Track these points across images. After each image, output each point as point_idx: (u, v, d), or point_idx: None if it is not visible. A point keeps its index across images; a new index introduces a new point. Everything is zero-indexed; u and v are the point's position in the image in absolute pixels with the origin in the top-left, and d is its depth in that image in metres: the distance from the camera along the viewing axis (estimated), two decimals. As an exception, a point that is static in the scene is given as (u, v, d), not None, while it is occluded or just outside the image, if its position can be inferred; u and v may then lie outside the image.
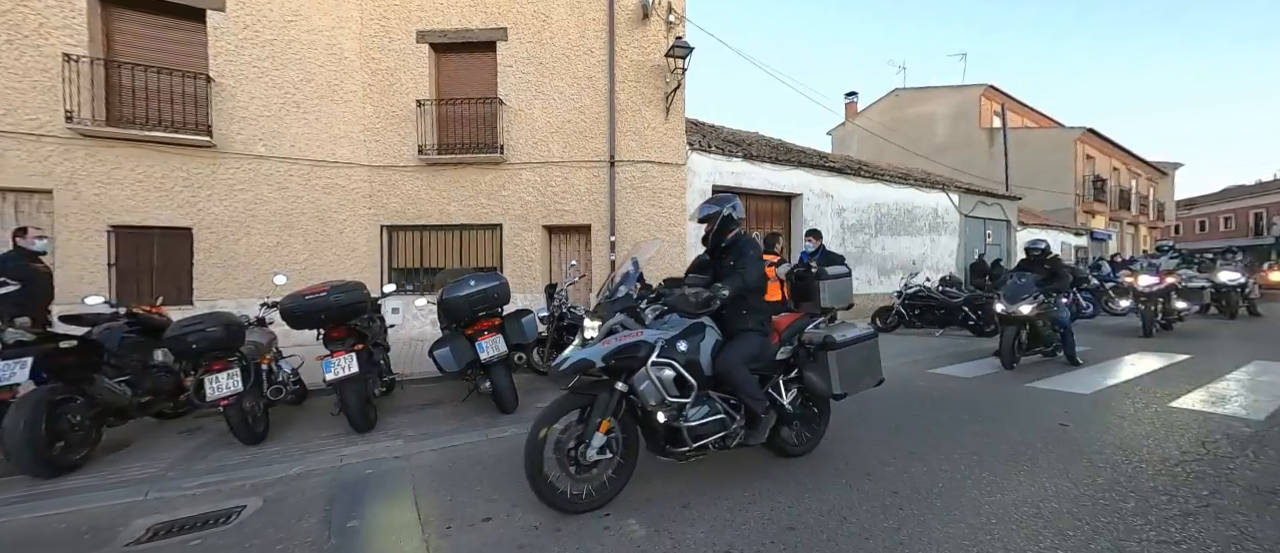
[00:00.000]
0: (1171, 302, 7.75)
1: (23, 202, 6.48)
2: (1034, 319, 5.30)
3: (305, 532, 2.37)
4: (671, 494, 2.65)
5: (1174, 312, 7.84)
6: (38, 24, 6.38)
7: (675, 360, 2.45)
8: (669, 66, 8.04)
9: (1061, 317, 5.50)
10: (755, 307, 2.78)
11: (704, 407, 2.54)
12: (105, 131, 6.58)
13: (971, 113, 20.41)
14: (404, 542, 2.25)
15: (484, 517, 2.45)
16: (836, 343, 2.82)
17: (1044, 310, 5.36)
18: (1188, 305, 8.00)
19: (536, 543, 2.21)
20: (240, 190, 7.33)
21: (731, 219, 2.87)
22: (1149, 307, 7.43)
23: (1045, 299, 5.36)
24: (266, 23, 7.44)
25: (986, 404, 4.22)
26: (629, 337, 2.41)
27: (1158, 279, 7.70)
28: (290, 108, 7.61)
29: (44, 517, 2.61)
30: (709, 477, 2.87)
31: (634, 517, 2.41)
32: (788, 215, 10.17)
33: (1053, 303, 5.46)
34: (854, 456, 3.15)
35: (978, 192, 13.63)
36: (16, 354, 3.02)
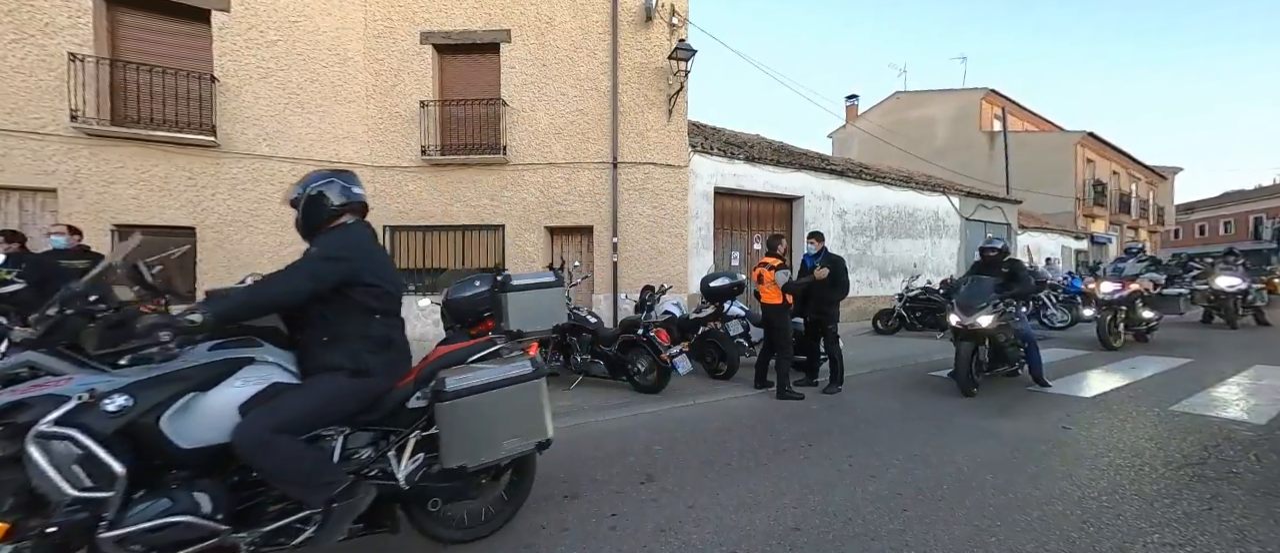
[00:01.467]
0: (1137, 311, 6.98)
1: (27, 200, 6.50)
2: (994, 333, 4.57)
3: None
4: (677, 495, 2.66)
5: (1141, 322, 7.07)
6: (44, 23, 6.41)
7: (90, 428, 1.46)
8: (671, 69, 8.07)
9: (1025, 329, 4.86)
10: (346, 332, 1.82)
11: (162, 502, 1.54)
12: (109, 131, 6.60)
13: (972, 116, 20.46)
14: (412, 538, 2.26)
15: (491, 517, 2.46)
16: (449, 392, 1.89)
17: (1006, 322, 4.70)
18: (1155, 315, 7.29)
19: (543, 542, 2.22)
20: (244, 190, 7.35)
21: (321, 202, 1.96)
22: (1107, 316, 6.66)
23: (1005, 308, 4.70)
24: (271, 23, 7.47)
25: (988, 407, 4.24)
26: (25, 390, 1.50)
27: (1120, 286, 6.84)
28: (294, 108, 7.63)
29: (52, 515, 2.61)
30: (713, 478, 2.88)
31: (640, 517, 2.43)
32: (789, 218, 10.19)
33: (1013, 313, 4.83)
34: (858, 457, 3.16)
35: (978, 195, 13.67)
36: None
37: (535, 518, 2.43)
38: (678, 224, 8.35)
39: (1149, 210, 25.01)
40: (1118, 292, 6.81)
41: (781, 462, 3.12)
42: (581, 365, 5.31)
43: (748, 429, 3.79)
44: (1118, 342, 6.65)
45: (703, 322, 5.75)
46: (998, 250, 5.05)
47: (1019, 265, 5.08)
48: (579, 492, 2.72)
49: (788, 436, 3.62)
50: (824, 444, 3.43)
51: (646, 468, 3.04)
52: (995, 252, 5.04)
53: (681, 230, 8.37)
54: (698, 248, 8.64)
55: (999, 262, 5.00)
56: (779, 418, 4.06)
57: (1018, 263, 5.12)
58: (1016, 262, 5.10)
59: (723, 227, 9.32)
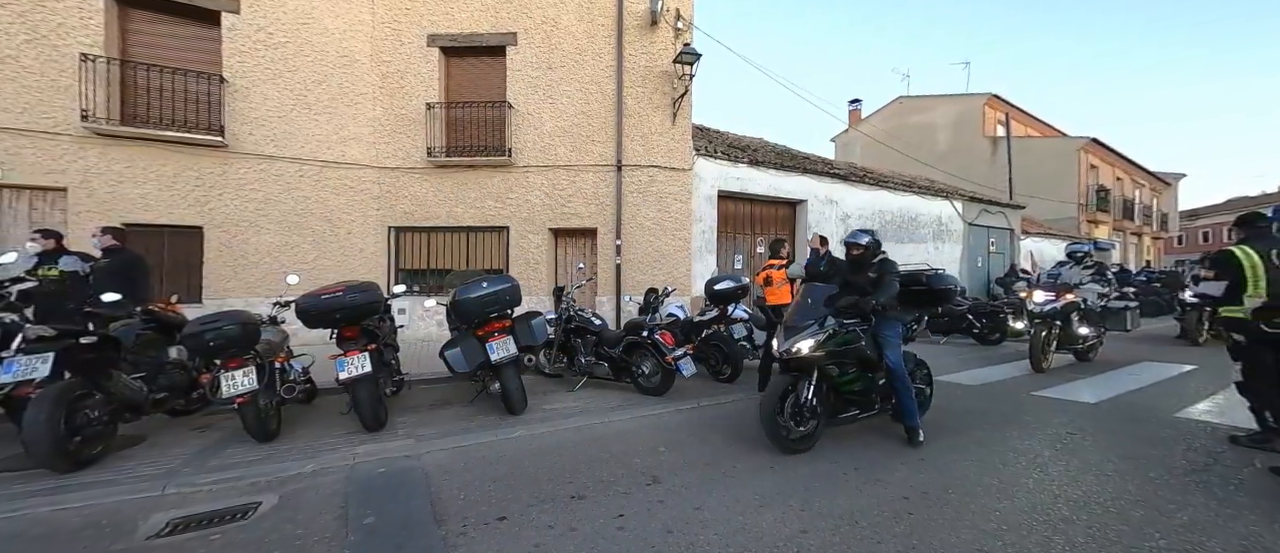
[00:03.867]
0: (1073, 326, 5.94)
1: (37, 199, 6.56)
2: (825, 363, 3.26)
3: (323, 528, 2.40)
4: (683, 497, 2.67)
5: (1078, 339, 6.01)
6: (56, 24, 6.48)
7: None
8: (676, 72, 8.11)
9: (890, 357, 3.43)
10: None
11: None
12: (119, 131, 6.66)
13: (975, 121, 20.47)
14: (421, 539, 2.28)
15: (499, 516, 2.48)
16: None
17: (845, 345, 3.30)
18: (1092, 332, 6.15)
19: (551, 543, 2.24)
20: (251, 190, 7.40)
21: None
22: (1040, 332, 5.71)
23: (842, 328, 3.33)
24: (280, 25, 7.53)
25: (993, 412, 4.24)
26: None
27: (1054, 296, 5.81)
28: (301, 109, 7.69)
29: (64, 510, 2.64)
30: (719, 480, 2.90)
31: (647, 518, 2.44)
32: (792, 221, 10.21)
33: (857, 333, 3.38)
34: (863, 461, 3.17)
35: (981, 200, 13.67)
36: (39, 350, 3.06)
37: (543, 518, 2.45)
38: (681, 227, 8.37)
39: (1152, 217, 24.95)
40: (1051, 303, 5.83)
41: (787, 465, 3.13)
42: (585, 367, 5.33)
43: (753, 432, 3.79)
44: (1046, 362, 5.72)
45: (707, 324, 5.76)
46: (864, 247, 3.64)
47: (889, 267, 3.56)
48: (586, 493, 2.73)
49: (792, 439, 3.63)
50: (829, 448, 3.43)
51: (652, 470, 3.05)
52: (861, 249, 3.64)
53: (685, 233, 8.39)
54: (701, 251, 8.66)
55: (866, 262, 3.65)
56: (783, 421, 4.07)
57: (888, 264, 3.58)
58: (888, 263, 3.58)
59: (726, 230, 9.34)
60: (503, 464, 3.19)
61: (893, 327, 3.56)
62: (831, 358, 3.30)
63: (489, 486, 2.85)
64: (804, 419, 3.25)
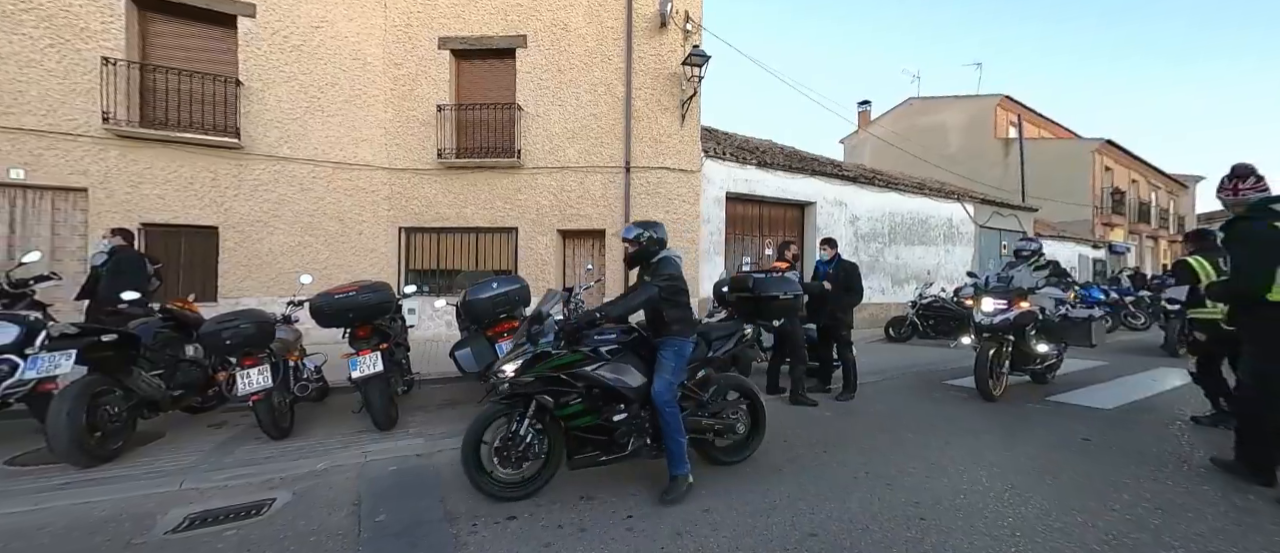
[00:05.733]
0: (1029, 342, 4.84)
1: (59, 199, 6.71)
2: (535, 392, 2.61)
3: (336, 525, 2.43)
4: (692, 499, 2.67)
5: (1035, 357, 4.91)
6: (78, 28, 6.63)
7: None
8: (685, 74, 8.12)
9: (656, 385, 2.66)
10: None
11: None
12: (139, 132, 6.80)
13: (986, 123, 20.26)
14: (433, 536, 2.30)
15: (509, 515, 2.50)
16: None
17: (561, 367, 2.59)
18: (1052, 349, 5.07)
19: (561, 542, 2.25)
20: (265, 191, 7.51)
21: None
22: (988, 350, 4.57)
23: (562, 348, 2.62)
24: (294, 28, 7.65)
25: (1004, 417, 4.19)
26: None
27: (1006, 304, 4.72)
28: (315, 111, 7.80)
29: (86, 504, 2.70)
30: (727, 482, 2.89)
31: (656, 519, 2.44)
32: (801, 223, 10.16)
33: (593, 354, 2.66)
34: (873, 465, 3.15)
35: (993, 202, 13.52)
36: (62, 346, 3.14)
37: (552, 518, 2.46)
38: (690, 229, 8.37)
39: (1169, 219, 24.52)
40: (1002, 314, 4.69)
41: (796, 468, 3.12)
42: (594, 368, 5.32)
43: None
44: (998, 388, 4.64)
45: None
46: (633, 242, 2.87)
47: (662, 267, 2.82)
48: (594, 493, 2.74)
49: (801, 442, 3.62)
50: (838, 451, 3.42)
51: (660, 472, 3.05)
52: (632, 245, 2.88)
53: (693, 235, 8.39)
54: (709, 253, 8.65)
55: (642, 260, 2.90)
56: (792, 424, 4.05)
57: (665, 264, 2.85)
58: (665, 262, 2.85)
59: (734, 232, 9.32)
60: (512, 464, 3.21)
61: (674, 346, 2.74)
62: (543, 385, 2.59)
63: (499, 485, 2.87)
64: (516, 460, 2.61)
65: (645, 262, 2.89)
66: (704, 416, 2.99)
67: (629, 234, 2.90)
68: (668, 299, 2.77)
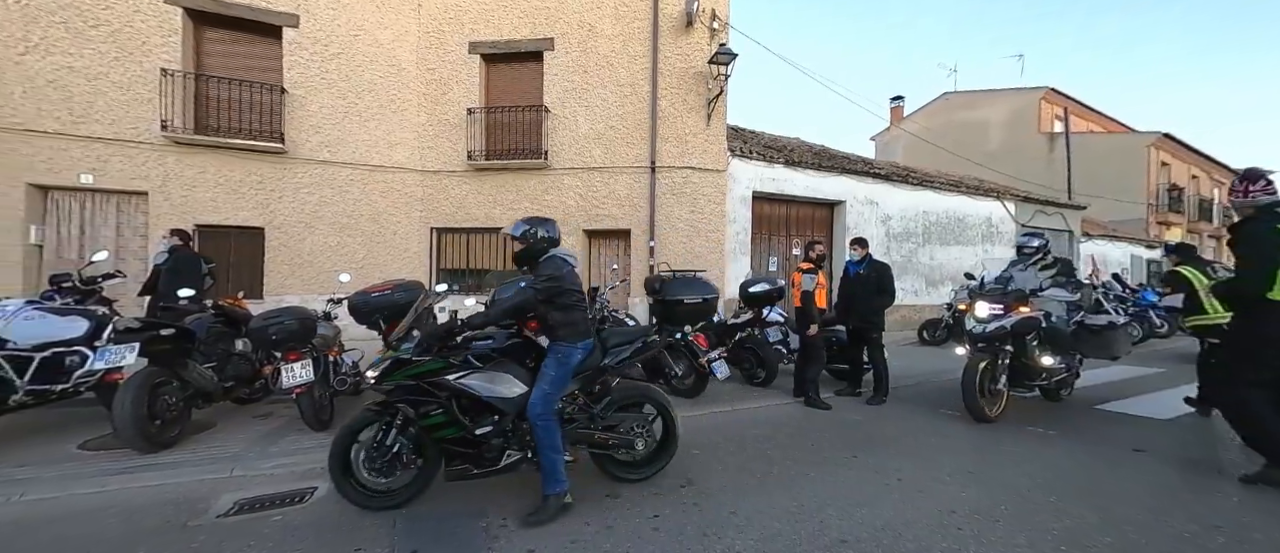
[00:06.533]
0: (1032, 355, 4.19)
1: (124, 202, 7.20)
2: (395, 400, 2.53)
3: (372, 516, 2.52)
4: (718, 500, 2.65)
5: (1040, 372, 4.22)
6: (141, 42, 7.10)
7: None
8: (711, 73, 8.06)
9: (532, 397, 2.52)
10: None
11: None
12: (193, 139, 7.23)
13: (1029, 117, 19.32)
14: (463, 529, 2.36)
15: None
16: None
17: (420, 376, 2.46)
18: (1059, 361, 4.32)
19: (588, 538, 2.27)
20: (306, 193, 7.87)
21: None
22: (980, 363, 4.02)
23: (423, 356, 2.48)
24: (334, 37, 7.98)
25: (1051, 425, 4.00)
26: None
27: (1002, 309, 4.14)
28: (353, 116, 8.11)
29: (145, 487, 2.89)
30: (754, 485, 2.86)
31: (682, 520, 2.44)
32: (830, 223, 9.94)
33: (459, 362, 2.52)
34: (906, 472, 3.05)
35: (1036, 200, 12.89)
36: (126, 339, 3.37)
37: (578, 515, 2.48)
38: (715, 228, 8.31)
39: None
40: (997, 320, 4.08)
41: (825, 473, 3.06)
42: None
43: (788, 438, 3.73)
44: (994, 408, 4.05)
45: (741, 327, 5.70)
46: (518, 239, 2.67)
47: (545, 268, 2.59)
48: (620, 492, 2.76)
49: (831, 446, 3.54)
50: (869, 457, 3.33)
51: (686, 472, 3.04)
52: (518, 243, 2.68)
53: (719, 235, 8.32)
54: (735, 253, 8.56)
55: (528, 259, 2.70)
56: (821, 428, 3.98)
57: (549, 263, 2.61)
58: (549, 262, 2.62)
59: (761, 231, 9.20)
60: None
61: (557, 354, 2.55)
62: (403, 393, 2.48)
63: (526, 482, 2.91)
64: (384, 468, 2.52)
65: (533, 261, 2.66)
66: (597, 429, 2.73)
67: (516, 231, 2.68)
68: (550, 302, 2.54)
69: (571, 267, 2.69)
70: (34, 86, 6.67)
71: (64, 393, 3.45)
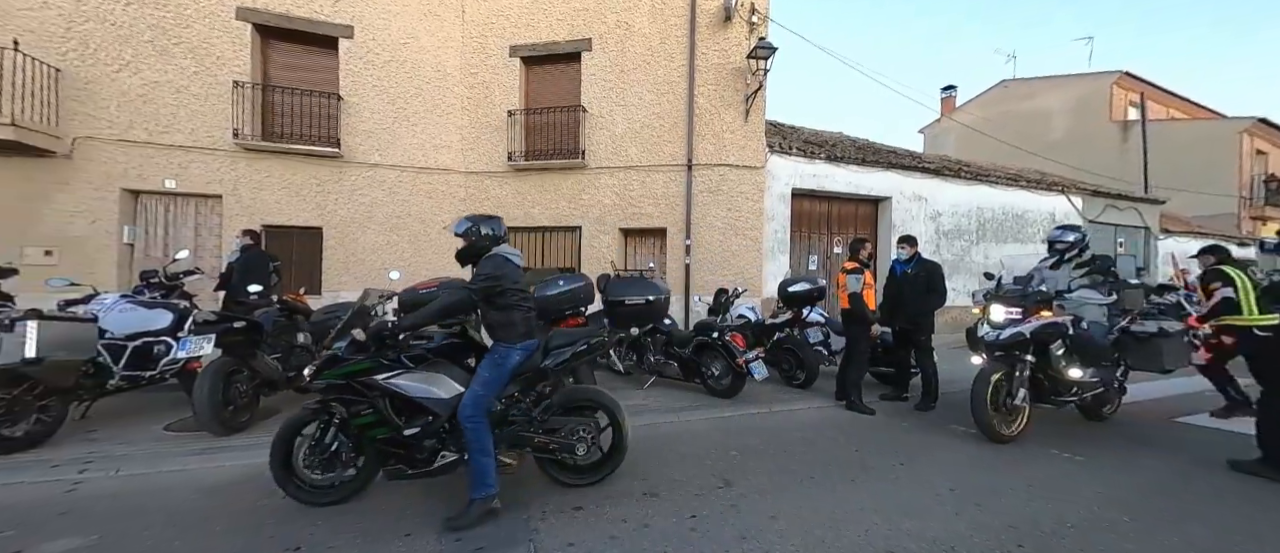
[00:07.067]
0: (1058, 367, 3.72)
1: (201, 205, 7.85)
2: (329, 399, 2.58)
3: (420, 502, 2.63)
4: (757, 504, 2.61)
5: (1068, 387, 3.76)
6: (216, 57, 7.70)
7: None
8: (750, 68, 7.91)
9: (465, 398, 2.49)
10: None
11: None
12: (261, 145, 7.77)
13: (1099, 104, 17.84)
14: (507, 519, 2.43)
15: (575, 506, 2.58)
16: None
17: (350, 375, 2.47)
18: (1091, 374, 3.78)
19: (626, 536, 2.29)
20: (360, 194, 8.31)
21: None
22: (994, 375, 3.62)
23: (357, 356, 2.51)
24: (385, 45, 8.38)
25: (1118, 436, 3.70)
26: None
27: (1020, 313, 3.72)
28: (402, 121, 8.49)
29: (222, 467, 3.14)
30: (794, 489, 2.79)
31: (721, 522, 2.41)
32: (875, 220, 9.55)
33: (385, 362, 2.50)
34: (958, 481, 2.90)
35: (1107, 194, 11.90)
36: (204, 331, 3.68)
37: (616, 511, 2.51)
38: (753, 227, 8.16)
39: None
40: (1014, 326, 3.67)
41: (869, 480, 2.95)
42: (655, 366, 5.37)
43: (830, 442, 3.62)
44: (1011, 425, 3.64)
45: (779, 327, 5.58)
46: (462, 237, 2.67)
47: (483, 268, 2.56)
48: (658, 491, 2.76)
49: (876, 452, 3.41)
50: (918, 465, 3.18)
51: (724, 473, 3.01)
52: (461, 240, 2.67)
53: (756, 233, 8.17)
54: (773, 251, 8.38)
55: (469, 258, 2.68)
56: (864, 433, 3.84)
57: (489, 262, 2.56)
58: (489, 261, 2.56)
59: (800, 229, 8.96)
60: (577, 456, 3.31)
61: (494, 356, 2.53)
62: (335, 392, 2.50)
63: (565, 476, 2.97)
64: (327, 465, 2.55)
65: (475, 259, 2.61)
66: (537, 432, 2.66)
67: (458, 229, 2.65)
68: (489, 302, 2.50)
69: (515, 265, 2.64)
70: (126, 100, 7.36)
71: (151, 379, 3.80)
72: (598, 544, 2.21)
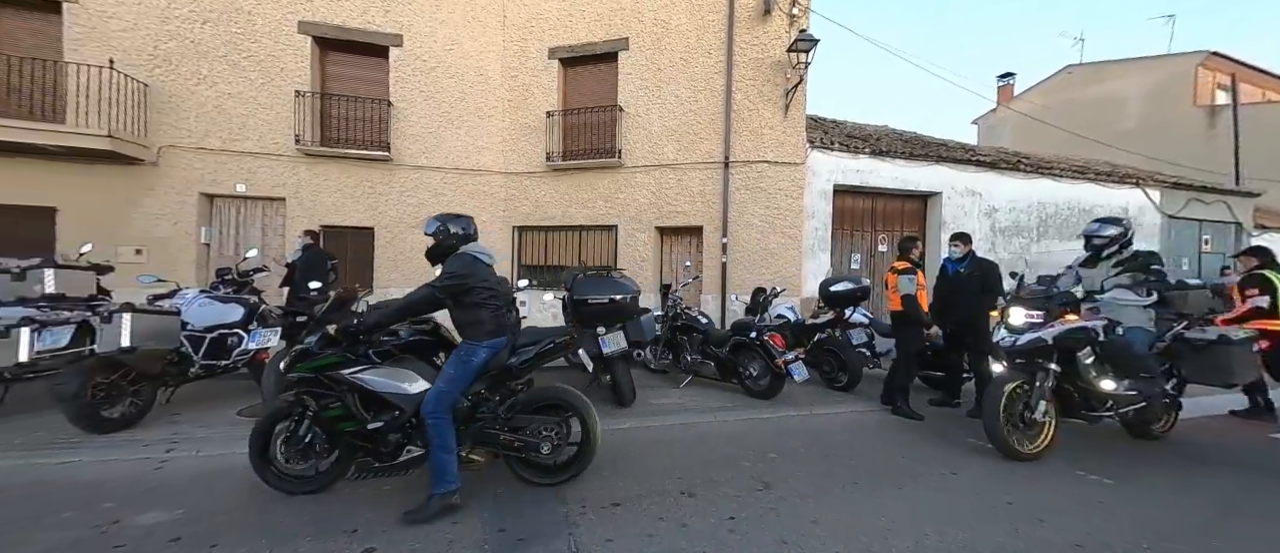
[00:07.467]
0: (1087, 375, 3.32)
1: (267, 207, 8.45)
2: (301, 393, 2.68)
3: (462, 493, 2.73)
4: (798, 508, 2.55)
5: (1103, 400, 3.34)
6: (281, 68, 8.26)
7: None
8: (790, 62, 7.71)
9: (428, 395, 2.52)
10: None
11: None
12: (320, 151, 8.28)
13: (1182, 87, 16.26)
14: (547, 514, 2.49)
15: (613, 502, 2.61)
16: None
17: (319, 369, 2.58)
18: (1125, 387, 3.32)
19: (663, 535, 2.29)
20: (408, 196, 8.70)
21: None
22: (1002, 386, 3.29)
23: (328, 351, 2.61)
24: (431, 52, 8.72)
25: (1200, 447, 3.36)
26: None
27: (1041, 318, 3.38)
28: (446, 125, 8.82)
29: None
30: (837, 495, 2.71)
31: (760, 525, 2.38)
32: (923, 217, 9.12)
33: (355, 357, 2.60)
34: (1017, 494, 2.73)
35: (1189, 186, 10.84)
36: (272, 324, 3.96)
37: (654, 510, 2.51)
38: (792, 224, 7.96)
39: None
40: (1034, 332, 3.32)
41: (918, 488, 2.82)
42: (691, 365, 5.34)
43: (875, 447, 3.49)
44: (1032, 442, 3.28)
45: (820, 328, 5.43)
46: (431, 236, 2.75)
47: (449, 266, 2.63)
48: (695, 491, 2.75)
49: (924, 460, 3.26)
50: (971, 475, 3.02)
51: (763, 476, 2.96)
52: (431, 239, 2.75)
53: (796, 231, 7.97)
54: (814, 249, 8.15)
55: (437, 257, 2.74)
56: (912, 440, 3.67)
57: (455, 260, 2.64)
58: (455, 259, 2.65)
59: (842, 227, 8.67)
60: (614, 454, 3.33)
61: (459, 353, 2.56)
62: (305, 385, 2.58)
63: (603, 472, 3.01)
64: (301, 456, 2.64)
65: (443, 258, 2.65)
66: (502, 430, 2.66)
67: (428, 228, 2.70)
68: (456, 301, 2.53)
69: (484, 264, 2.67)
70: (203, 111, 8.01)
71: (226, 368, 4.13)
72: (636, 542, 2.22)
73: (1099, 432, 3.79)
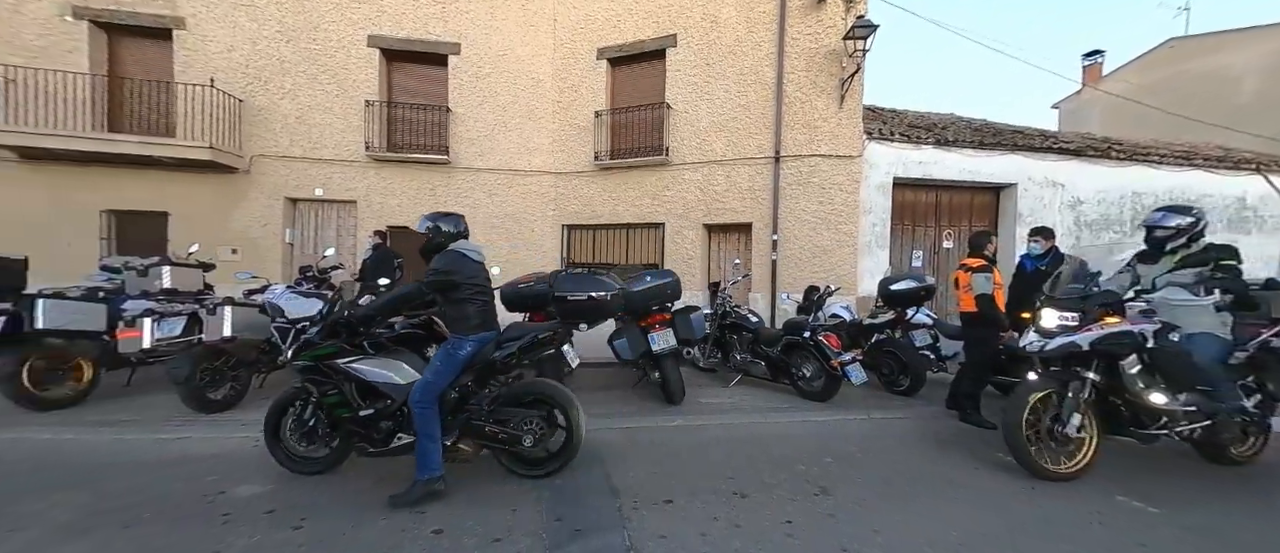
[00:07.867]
0: (1136, 389, 2.85)
1: (341, 210, 9.14)
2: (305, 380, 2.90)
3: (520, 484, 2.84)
4: (858, 515, 2.45)
5: (1154, 413, 2.86)
6: (353, 80, 8.90)
7: None
8: (846, 50, 7.38)
9: (416, 383, 2.67)
10: None
11: None
12: (386, 156, 8.86)
13: (1316, 57, 14.06)
14: (601, 507, 2.54)
15: (665, 498, 2.62)
16: None
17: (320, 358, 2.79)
18: (1183, 404, 2.82)
19: (717, 534, 2.28)
20: (464, 197, 9.12)
21: None
22: (1027, 396, 2.92)
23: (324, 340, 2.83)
24: (486, 58, 9.09)
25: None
26: None
27: (1073, 318, 2.95)
28: (500, 128, 9.17)
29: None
30: (898, 503, 2.58)
31: (818, 531, 2.31)
32: (994, 210, 8.46)
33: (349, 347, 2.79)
34: (1111, 510, 2.48)
35: (1327, 171, 9.36)
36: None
37: (707, 509, 2.50)
38: (846, 220, 7.64)
39: None
40: (1067, 337, 2.91)
41: (991, 499, 2.63)
42: (741, 364, 5.26)
43: (941, 456, 3.29)
44: (1065, 461, 2.90)
45: (879, 328, 5.17)
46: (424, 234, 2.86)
47: (436, 262, 2.71)
48: (748, 492, 2.71)
49: (997, 472, 3.03)
50: (1053, 487, 2.78)
51: (820, 480, 2.87)
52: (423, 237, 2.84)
53: (851, 227, 7.63)
54: (871, 246, 7.77)
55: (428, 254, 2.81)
56: (982, 449, 3.43)
57: (443, 257, 2.73)
58: (444, 256, 2.74)
59: (902, 222, 8.21)
60: (665, 451, 3.35)
61: (447, 346, 2.69)
62: (307, 374, 2.77)
63: (654, 469, 3.03)
64: (307, 438, 2.86)
65: (434, 254, 2.73)
66: (487, 422, 2.73)
67: (421, 226, 2.80)
68: (443, 295, 2.65)
69: (473, 261, 2.75)
70: (287, 123, 8.78)
71: (309, 357, 4.51)
72: (690, 540, 2.22)
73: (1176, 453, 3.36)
